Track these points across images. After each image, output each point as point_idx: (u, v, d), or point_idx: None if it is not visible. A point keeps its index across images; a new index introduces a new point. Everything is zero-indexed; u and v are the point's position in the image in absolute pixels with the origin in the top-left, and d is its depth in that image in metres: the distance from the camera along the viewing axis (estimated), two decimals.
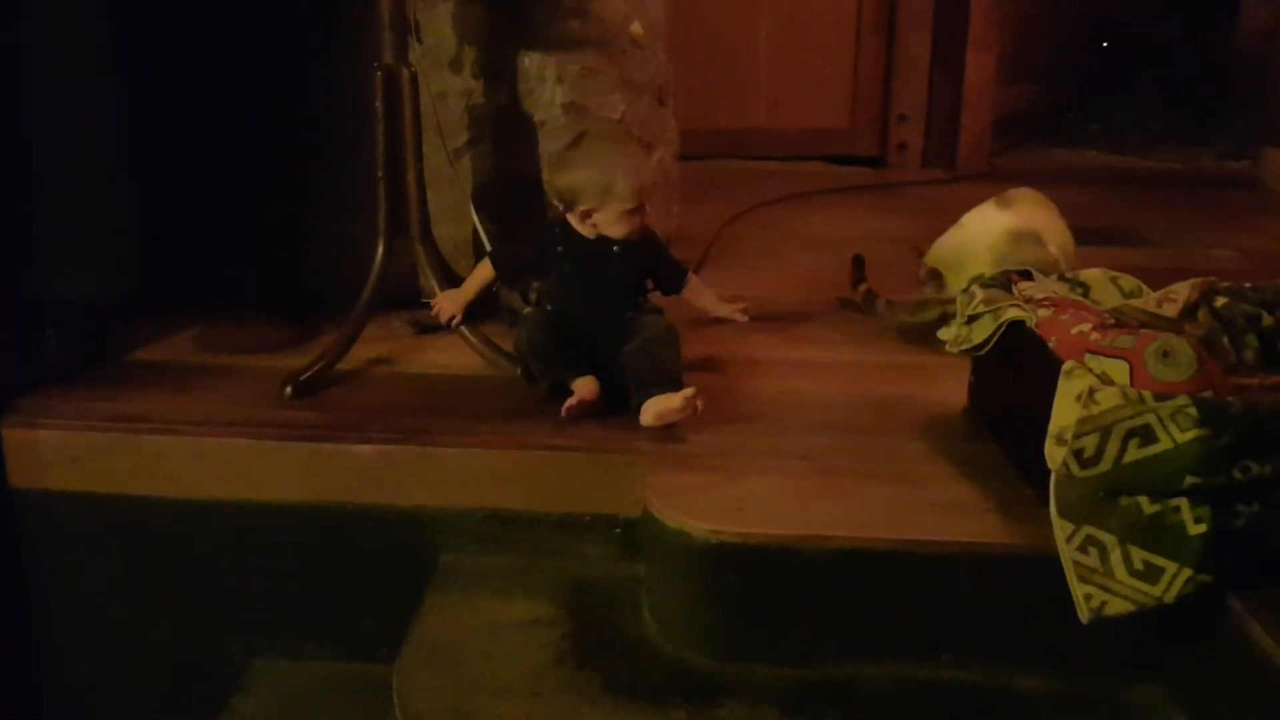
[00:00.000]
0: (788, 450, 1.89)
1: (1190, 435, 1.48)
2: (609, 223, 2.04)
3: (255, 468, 1.92)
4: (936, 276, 2.30)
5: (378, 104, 2.16)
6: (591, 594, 1.82)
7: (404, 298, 2.36)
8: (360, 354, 2.22)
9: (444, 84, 2.46)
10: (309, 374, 2.10)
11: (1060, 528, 1.55)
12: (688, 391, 1.91)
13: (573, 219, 2.06)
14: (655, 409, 1.91)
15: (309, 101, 2.38)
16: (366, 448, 1.91)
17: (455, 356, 2.23)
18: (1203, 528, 1.50)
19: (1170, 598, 1.50)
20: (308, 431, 1.95)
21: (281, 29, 2.33)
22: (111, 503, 1.94)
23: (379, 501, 1.91)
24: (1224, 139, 4.47)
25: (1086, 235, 2.40)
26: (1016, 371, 1.84)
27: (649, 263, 2.13)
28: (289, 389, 2.07)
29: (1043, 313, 1.81)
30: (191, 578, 1.97)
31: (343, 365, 2.17)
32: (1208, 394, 1.54)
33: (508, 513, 1.90)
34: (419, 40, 2.26)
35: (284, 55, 2.35)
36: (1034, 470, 1.66)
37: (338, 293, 2.24)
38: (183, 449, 1.93)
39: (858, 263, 2.55)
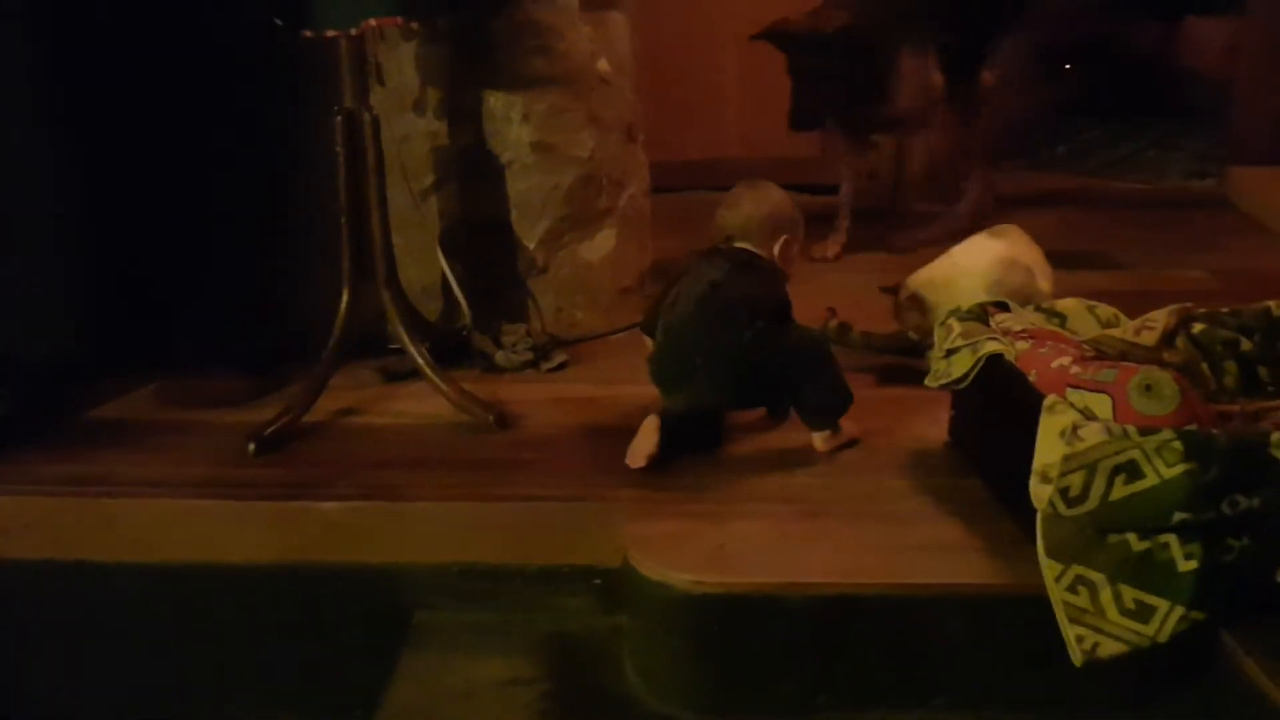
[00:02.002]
0: (770, 492, 1.86)
1: (1177, 470, 1.45)
2: (796, 257, 2.07)
3: (218, 529, 1.87)
4: (919, 302, 2.27)
5: (339, 148, 2.12)
6: (571, 649, 1.77)
7: (372, 345, 2.31)
8: (327, 405, 2.17)
9: (408, 126, 2.43)
10: (273, 428, 2.04)
11: (1049, 568, 1.52)
12: None
13: (763, 248, 2.02)
14: None
15: (271, 149, 2.34)
16: (334, 504, 1.86)
17: (426, 404, 2.18)
18: (1193, 564, 1.47)
19: (1164, 637, 1.48)
20: (272, 490, 1.90)
21: (239, 78, 2.29)
22: (69, 570, 1.87)
23: (348, 560, 1.85)
24: (1188, 158, 4.51)
25: (1059, 259, 2.39)
26: (997, 406, 1.81)
27: None
28: (252, 445, 2.01)
29: (1021, 345, 1.79)
30: (155, 645, 1.89)
31: (309, 417, 2.12)
32: (1192, 427, 1.52)
33: (483, 567, 1.84)
34: (381, 82, 2.23)
35: (243, 103, 2.31)
36: (1017, 506, 1.63)
37: (304, 342, 2.19)
38: (142, 512, 1.87)
39: (831, 313, 2.54)
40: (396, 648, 1.78)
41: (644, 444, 1.92)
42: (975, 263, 2.25)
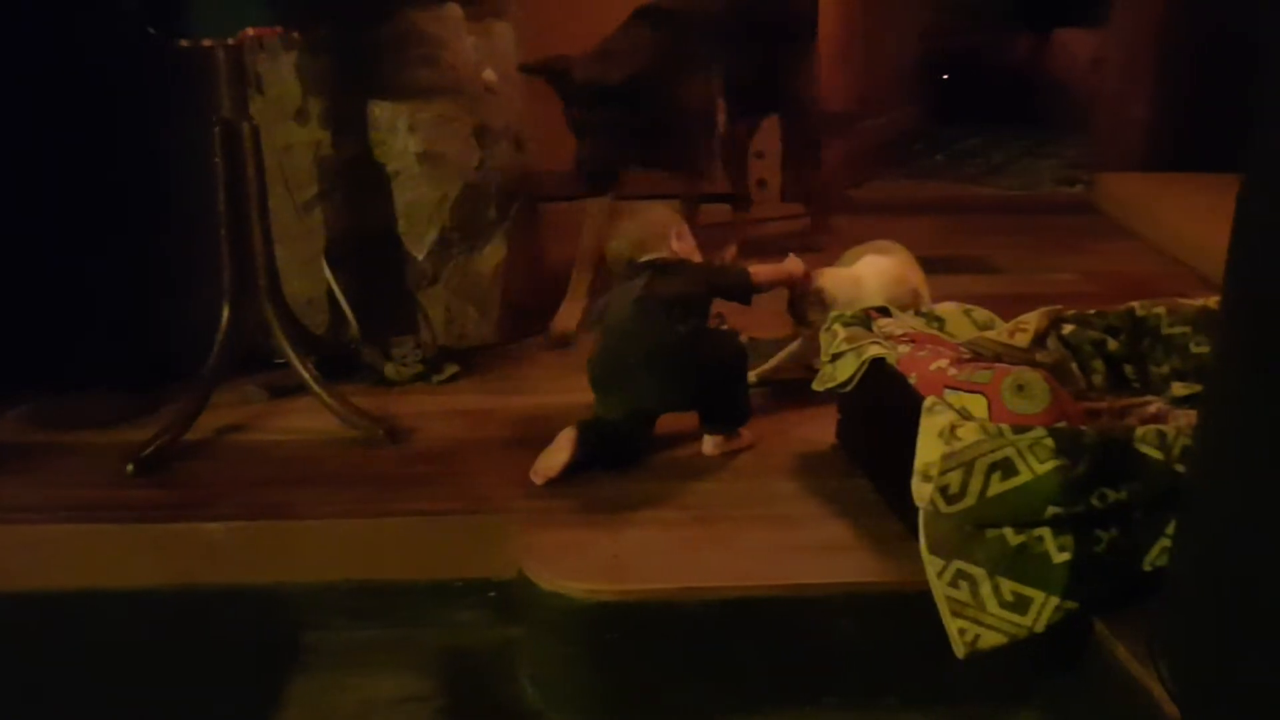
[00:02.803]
0: (663, 500, 1.88)
1: (1049, 466, 1.51)
2: (692, 241, 2.12)
3: (96, 554, 1.80)
4: (822, 298, 2.28)
5: (217, 159, 2.07)
6: (467, 663, 1.76)
7: (256, 360, 2.26)
8: (210, 423, 2.11)
9: (290, 136, 2.39)
10: (153, 448, 1.98)
11: (931, 564, 1.56)
12: None
13: (665, 250, 2.06)
14: None
15: (148, 160, 2.27)
16: (218, 525, 1.81)
17: (313, 420, 2.14)
18: (1066, 555, 1.53)
19: (1040, 627, 1.53)
20: (153, 512, 1.84)
21: (114, 89, 2.22)
22: None
23: (234, 581, 1.81)
24: (1059, 165, 4.70)
25: (938, 264, 2.46)
26: (880, 408, 1.86)
27: None
28: (131, 465, 1.95)
29: (902, 349, 1.84)
30: (34, 676, 1.81)
31: (191, 436, 2.06)
32: (1063, 424, 1.58)
33: (375, 584, 1.82)
34: (260, 92, 2.18)
35: (117, 114, 2.23)
36: (902, 505, 1.67)
37: (186, 359, 2.13)
38: (14, 539, 1.80)
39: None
40: (287, 670, 1.75)
41: (553, 460, 1.92)
42: (876, 276, 2.29)
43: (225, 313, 2.10)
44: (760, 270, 2.12)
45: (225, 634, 1.81)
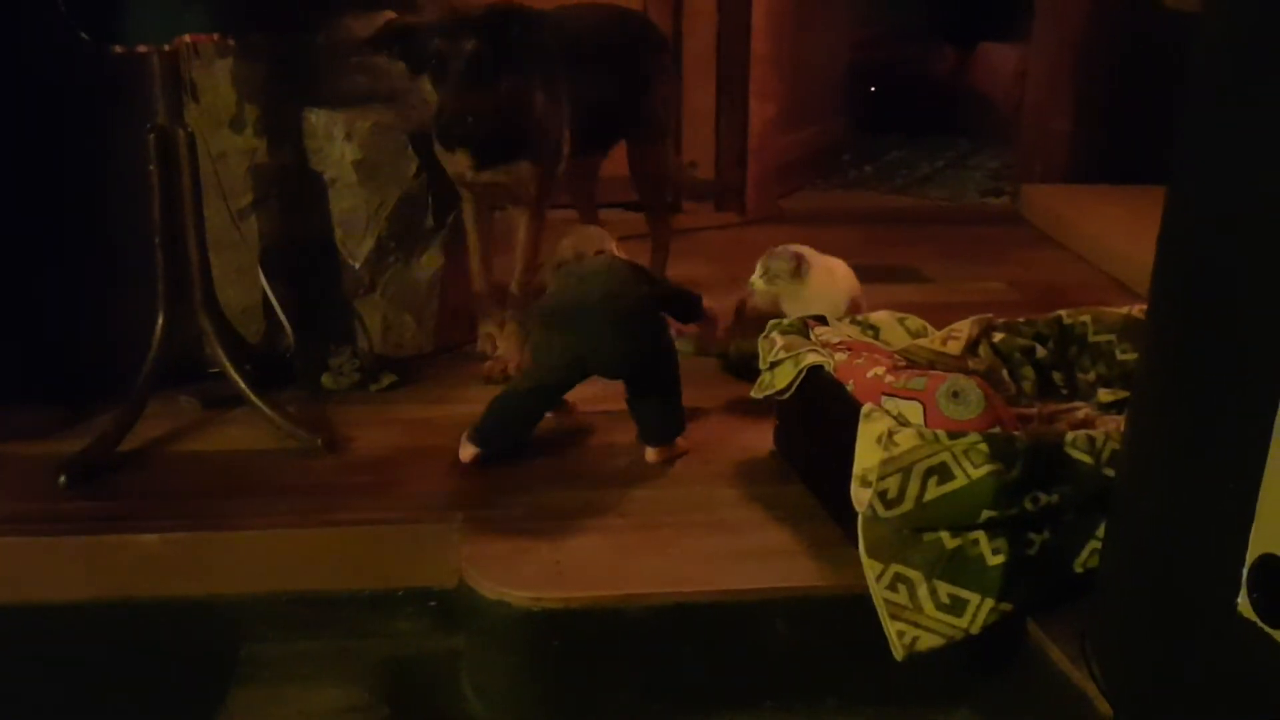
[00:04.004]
0: (605, 506, 1.88)
1: (983, 471, 1.55)
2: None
3: (26, 568, 1.76)
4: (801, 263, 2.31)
5: (152, 166, 2.04)
6: (409, 673, 1.75)
7: (191, 370, 2.22)
8: (144, 433, 2.08)
9: (224, 144, 2.35)
10: (86, 459, 1.94)
11: (870, 567, 1.59)
12: None
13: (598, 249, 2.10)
14: None
15: (80, 168, 2.22)
16: (152, 536, 1.78)
17: (249, 430, 2.12)
18: (1001, 558, 1.57)
19: (976, 628, 1.57)
20: (85, 524, 1.80)
21: (42, 96, 2.17)
22: None
23: (170, 594, 1.78)
24: (985, 176, 4.80)
25: (869, 273, 2.50)
26: (818, 415, 1.89)
27: None
28: (63, 477, 1.91)
29: (839, 356, 1.87)
30: None
31: (124, 447, 2.03)
32: (996, 430, 1.63)
33: (314, 594, 1.80)
34: (195, 99, 2.15)
35: (47, 121, 2.18)
36: (840, 510, 1.71)
37: (120, 370, 2.09)
38: None
39: None
40: (225, 683, 1.72)
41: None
42: (844, 278, 2.35)
43: (159, 321, 2.07)
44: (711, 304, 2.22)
45: (162, 647, 1.78)
